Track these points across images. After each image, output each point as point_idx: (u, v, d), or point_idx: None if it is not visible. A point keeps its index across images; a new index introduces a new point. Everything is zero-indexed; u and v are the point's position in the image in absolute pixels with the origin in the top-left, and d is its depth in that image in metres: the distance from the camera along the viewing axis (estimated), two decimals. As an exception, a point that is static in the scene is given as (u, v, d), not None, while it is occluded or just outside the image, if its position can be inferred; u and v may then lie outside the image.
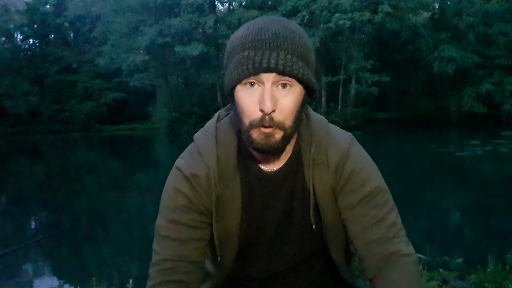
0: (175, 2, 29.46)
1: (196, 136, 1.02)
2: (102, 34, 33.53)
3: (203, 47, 27.86)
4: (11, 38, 39.03)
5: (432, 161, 13.20)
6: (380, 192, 0.98)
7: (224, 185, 0.97)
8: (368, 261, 0.97)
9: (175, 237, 0.97)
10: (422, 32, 28.56)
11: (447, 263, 3.03)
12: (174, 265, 0.96)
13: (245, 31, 0.86)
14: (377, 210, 0.97)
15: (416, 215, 6.87)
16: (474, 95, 26.66)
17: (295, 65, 0.83)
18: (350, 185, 0.98)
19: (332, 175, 0.98)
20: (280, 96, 0.85)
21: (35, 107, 35.85)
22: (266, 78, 0.83)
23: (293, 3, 26.42)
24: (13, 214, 8.16)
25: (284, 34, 0.83)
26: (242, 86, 0.86)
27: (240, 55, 0.84)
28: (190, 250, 0.98)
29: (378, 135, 22.76)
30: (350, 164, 0.98)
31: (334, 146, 0.99)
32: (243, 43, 0.84)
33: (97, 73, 36.01)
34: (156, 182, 11.50)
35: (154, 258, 0.99)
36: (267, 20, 0.86)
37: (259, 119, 0.85)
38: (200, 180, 0.96)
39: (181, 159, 1.01)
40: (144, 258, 4.17)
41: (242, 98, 0.86)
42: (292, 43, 0.83)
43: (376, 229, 0.96)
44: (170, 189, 1.00)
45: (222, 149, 0.97)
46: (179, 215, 0.97)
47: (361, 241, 0.97)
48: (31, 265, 5.22)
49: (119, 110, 36.49)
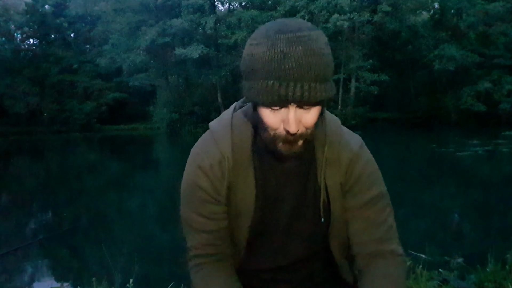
0: (175, 2, 29.47)
1: (211, 124, 1.05)
2: (103, 34, 33.54)
3: (203, 49, 27.84)
4: (11, 38, 39.05)
5: (432, 161, 13.19)
6: (383, 196, 1.06)
7: (238, 172, 0.99)
8: (362, 256, 1.04)
9: (198, 228, 1.03)
10: (422, 32, 28.57)
11: (447, 263, 3.03)
12: (204, 251, 1.03)
13: (266, 52, 0.83)
14: (379, 213, 1.04)
15: (416, 215, 6.88)
16: (473, 94, 26.67)
17: (318, 92, 0.84)
18: (358, 187, 1.04)
19: (342, 174, 1.03)
20: (303, 114, 0.88)
21: (36, 107, 35.90)
22: (290, 104, 0.86)
23: (292, 3, 26.43)
24: (14, 214, 8.16)
25: (307, 61, 0.82)
26: (266, 108, 0.89)
27: (264, 83, 0.84)
28: (216, 239, 1.03)
29: (378, 135, 22.76)
30: (359, 166, 1.04)
31: (346, 147, 1.03)
32: (267, 70, 0.83)
33: (97, 73, 36.04)
34: (156, 182, 11.51)
35: (187, 243, 1.06)
36: (289, 41, 0.83)
37: (283, 135, 0.89)
38: (215, 170, 0.99)
39: (196, 149, 1.04)
40: (144, 258, 4.17)
41: (266, 116, 0.89)
42: (315, 69, 0.83)
43: (376, 230, 1.04)
44: (189, 182, 1.03)
45: (237, 137, 1.00)
46: (199, 208, 1.01)
47: (359, 240, 1.04)
48: (31, 265, 5.22)
49: (120, 110, 36.50)
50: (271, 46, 0.83)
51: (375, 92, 27.20)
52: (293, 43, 0.82)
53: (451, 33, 28.32)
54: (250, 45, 0.88)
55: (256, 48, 0.86)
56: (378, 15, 26.07)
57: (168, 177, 12.21)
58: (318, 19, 26.10)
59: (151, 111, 33.18)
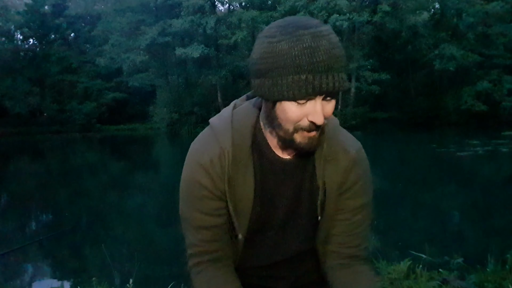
0: (175, 2, 29.48)
1: (212, 120, 1.06)
2: (103, 34, 33.53)
3: (203, 49, 27.85)
4: (12, 39, 39.06)
5: (433, 161, 13.19)
6: (370, 205, 1.10)
7: (237, 168, 1.00)
8: (339, 256, 1.08)
9: (198, 225, 1.03)
10: (422, 32, 28.57)
11: (447, 263, 3.03)
12: (204, 249, 1.04)
13: (293, 48, 0.86)
14: (363, 220, 1.08)
15: (416, 215, 6.88)
16: (474, 94, 26.67)
17: (343, 82, 0.88)
18: (352, 192, 1.06)
19: (341, 174, 1.04)
20: (325, 105, 0.91)
21: (36, 107, 35.93)
22: (317, 96, 0.89)
23: (291, 3, 26.45)
24: (14, 214, 8.16)
25: (334, 53, 0.86)
26: (292, 102, 0.90)
27: (296, 77, 0.86)
28: (215, 235, 1.03)
29: (378, 135, 22.76)
30: (357, 171, 1.05)
31: (344, 147, 1.05)
32: (297, 65, 0.85)
33: (97, 73, 36.04)
34: (156, 182, 11.51)
35: (186, 241, 1.07)
36: (314, 36, 0.86)
37: (307, 126, 0.91)
38: (214, 165, 0.99)
39: (195, 145, 1.04)
40: (144, 258, 4.18)
41: (291, 110, 0.90)
42: (340, 60, 0.87)
43: (358, 236, 1.08)
44: (188, 179, 1.03)
45: (237, 133, 1.01)
46: (198, 204, 1.02)
47: (341, 240, 1.08)
48: (31, 265, 5.22)
49: (120, 110, 36.50)
50: (297, 42, 0.86)
51: (376, 92, 27.19)
52: (317, 37, 0.86)
53: (451, 33, 28.32)
54: (269, 43, 0.88)
55: (277, 45, 0.87)
56: (378, 15, 26.08)
57: (168, 177, 12.21)
58: (317, 19, 26.12)
59: (151, 111, 33.19)
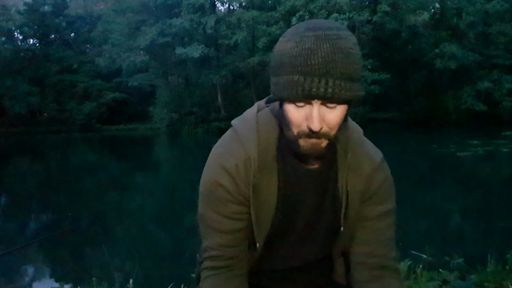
0: (175, 2, 29.46)
1: (235, 124, 1.03)
2: (102, 34, 33.52)
3: (203, 48, 27.84)
4: (12, 39, 39.05)
5: (433, 161, 13.19)
6: (394, 212, 1.08)
7: (262, 174, 0.98)
8: (366, 267, 1.05)
9: (217, 228, 1.01)
10: (422, 32, 28.57)
11: (447, 263, 3.03)
12: (221, 253, 1.02)
13: (294, 48, 0.85)
14: (388, 228, 1.06)
15: (417, 215, 6.87)
16: (474, 94, 26.65)
17: (343, 90, 0.84)
18: (375, 198, 1.04)
19: (363, 182, 1.03)
20: (327, 112, 0.88)
21: (36, 107, 35.88)
22: (314, 101, 0.86)
23: (291, 3, 26.43)
24: (14, 214, 8.16)
25: (333, 58, 0.83)
26: (290, 103, 0.89)
27: (289, 77, 0.85)
28: (233, 240, 1.02)
29: (378, 135, 22.73)
30: (380, 178, 1.05)
31: (368, 156, 1.04)
32: (293, 65, 0.84)
33: (97, 73, 36.01)
34: (156, 183, 11.51)
35: (203, 243, 1.05)
36: (317, 38, 0.84)
37: (306, 132, 0.89)
38: (239, 170, 0.97)
39: (220, 148, 1.02)
40: (144, 258, 4.17)
41: (290, 112, 0.89)
42: (341, 67, 0.83)
43: (383, 245, 1.05)
44: (209, 181, 1.00)
45: (263, 138, 0.99)
46: (220, 207, 1.00)
47: (364, 250, 1.05)
48: (32, 265, 5.22)
49: (119, 110, 36.46)
50: (299, 42, 0.85)
51: (376, 92, 27.19)
52: (321, 40, 0.84)
53: (451, 33, 28.32)
54: (280, 42, 0.89)
55: (285, 44, 0.87)
56: (377, 15, 26.07)
57: (168, 178, 12.21)
58: (317, 18, 26.09)
59: (151, 111, 33.17)
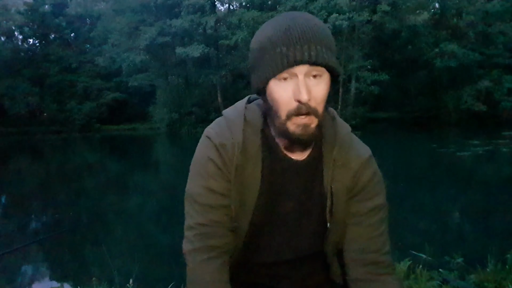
0: (175, 2, 29.46)
1: (225, 111, 1.08)
2: (102, 34, 33.53)
3: (203, 48, 27.84)
4: (12, 38, 39.06)
5: (433, 161, 13.19)
6: (384, 208, 1.08)
7: (246, 159, 1.01)
8: (359, 264, 1.05)
9: (207, 203, 1.03)
10: (422, 31, 28.58)
11: (447, 263, 3.03)
12: (209, 230, 1.02)
13: (272, 30, 0.91)
14: (379, 224, 1.06)
15: (417, 215, 6.88)
16: (474, 93, 26.66)
17: (325, 55, 0.89)
18: (363, 195, 1.05)
19: (350, 178, 1.04)
20: (312, 85, 0.91)
21: (35, 107, 35.89)
22: (299, 70, 0.89)
23: (291, 3, 26.43)
24: (14, 214, 8.16)
25: (311, 28, 0.89)
26: (275, 81, 0.92)
27: (271, 52, 0.90)
28: (222, 216, 1.03)
29: (378, 135, 22.75)
30: (368, 174, 1.05)
31: (356, 152, 1.05)
32: (273, 42, 0.89)
33: (97, 73, 36.04)
34: (156, 182, 11.51)
35: (190, 221, 1.04)
36: (292, 17, 0.91)
37: (295, 108, 0.91)
38: (227, 149, 1.01)
39: (210, 129, 1.06)
40: (144, 258, 4.16)
41: (277, 91, 0.92)
42: (319, 35, 0.89)
43: (376, 241, 1.05)
44: (201, 157, 1.04)
45: (249, 127, 1.02)
46: (210, 182, 1.02)
47: (357, 247, 1.05)
48: (31, 265, 5.22)
49: (119, 110, 36.48)
50: (275, 26, 0.91)
51: (376, 92, 27.20)
52: (296, 18, 0.91)
53: (451, 32, 28.32)
54: (256, 36, 0.95)
55: (261, 34, 0.94)
56: (377, 15, 26.08)
57: (168, 177, 12.22)
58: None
59: (151, 111, 33.18)
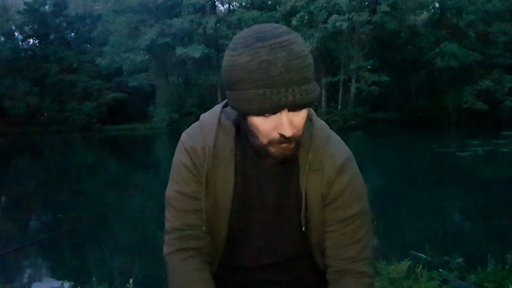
0: (175, 2, 29.48)
1: (203, 115, 1.09)
2: (102, 34, 33.55)
3: (204, 48, 27.85)
4: (12, 38, 39.05)
5: (433, 161, 13.19)
6: (363, 214, 1.05)
7: (218, 162, 1.01)
8: (332, 271, 1.05)
9: (181, 208, 1.04)
10: (422, 31, 28.58)
11: (447, 263, 3.04)
12: (185, 234, 1.04)
13: (251, 63, 0.84)
14: (356, 231, 1.03)
15: (417, 215, 6.88)
16: (475, 93, 26.64)
17: (308, 94, 0.86)
18: (338, 203, 1.02)
19: (324, 184, 1.02)
20: (293, 117, 0.89)
21: (36, 107, 35.87)
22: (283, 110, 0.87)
23: (292, 4, 26.45)
24: (14, 214, 8.16)
25: (293, 65, 0.83)
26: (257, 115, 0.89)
27: (254, 92, 0.85)
28: (197, 220, 1.03)
29: (378, 135, 22.78)
30: (342, 181, 1.02)
31: (331, 157, 1.02)
32: (254, 80, 0.84)
33: (97, 73, 36.02)
34: (156, 182, 11.50)
35: (167, 225, 1.07)
36: (271, 48, 0.83)
37: (277, 139, 0.90)
38: (198, 153, 1.02)
39: (185, 133, 1.08)
40: (145, 258, 4.17)
41: (259, 124, 0.90)
42: (302, 71, 0.84)
43: (350, 248, 1.03)
44: (175, 161, 1.07)
45: (222, 131, 1.03)
46: (183, 186, 1.04)
47: (332, 254, 1.05)
48: (32, 265, 5.22)
49: (120, 110, 36.48)
50: (254, 55, 0.84)
51: (376, 92, 27.20)
52: (275, 49, 0.83)
53: (451, 32, 28.33)
54: (231, 56, 0.87)
55: (237, 58, 0.86)
56: (377, 15, 26.09)
57: (168, 178, 12.17)
58: (317, 19, 26.11)
59: (151, 111, 33.18)
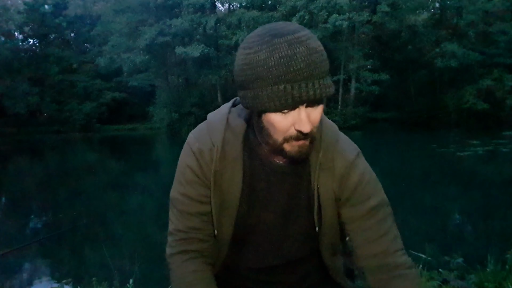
0: (175, 2, 29.47)
1: (209, 115, 1.08)
2: (102, 34, 33.56)
3: (203, 48, 27.84)
4: (12, 38, 39.05)
5: (433, 161, 13.18)
6: (383, 206, 1.03)
7: (226, 163, 1.01)
8: (373, 273, 1.01)
9: (184, 210, 1.04)
10: (422, 31, 28.57)
11: (447, 263, 3.04)
12: (188, 236, 1.04)
13: (269, 58, 0.84)
14: (380, 224, 1.01)
15: (416, 215, 6.88)
16: (475, 93, 26.62)
17: (327, 88, 0.86)
18: (355, 198, 1.02)
19: (337, 183, 1.01)
20: (311, 113, 0.89)
21: (35, 107, 35.88)
22: (301, 104, 0.87)
23: (292, 3, 26.44)
24: (14, 214, 8.16)
25: (312, 60, 0.84)
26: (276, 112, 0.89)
27: (273, 87, 0.84)
28: (200, 223, 1.04)
29: (378, 135, 22.78)
30: (355, 176, 1.02)
31: (341, 154, 1.02)
32: (275, 76, 0.84)
33: (97, 73, 36.06)
34: (156, 182, 11.50)
35: (170, 227, 1.07)
36: (290, 44, 0.83)
37: (295, 135, 0.90)
38: (205, 155, 1.01)
39: (191, 134, 1.07)
40: (145, 258, 4.16)
41: (277, 121, 0.89)
42: (320, 66, 0.85)
43: (380, 242, 1.00)
44: (181, 163, 1.05)
45: (230, 131, 1.02)
46: (188, 189, 1.03)
47: (365, 253, 1.02)
48: (31, 265, 5.22)
49: (120, 110, 36.52)
50: (273, 51, 0.84)
51: (376, 92, 27.20)
52: (294, 44, 0.83)
53: (451, 32, 28.32)
54: (247, 54, 0.87)
55: (255, 56, 0.85)
56: (377, 15, 26.09)
57: (168, 178, 12.17)
58: (317, 19, 26.11)
59: (151, 111, 33.18)
